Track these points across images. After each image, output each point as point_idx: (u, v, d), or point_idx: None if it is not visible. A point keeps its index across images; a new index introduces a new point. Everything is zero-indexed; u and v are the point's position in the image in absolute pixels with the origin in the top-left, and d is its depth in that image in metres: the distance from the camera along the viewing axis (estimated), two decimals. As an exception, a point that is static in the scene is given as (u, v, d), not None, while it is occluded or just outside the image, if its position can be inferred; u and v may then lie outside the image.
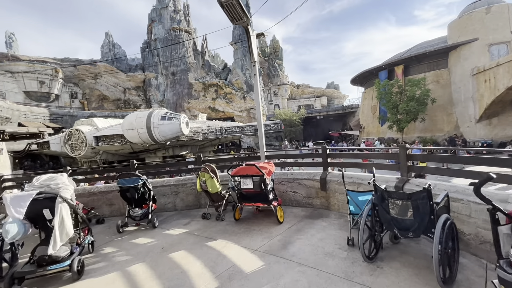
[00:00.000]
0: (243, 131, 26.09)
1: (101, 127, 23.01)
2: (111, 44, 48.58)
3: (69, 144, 22.08)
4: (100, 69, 42.55)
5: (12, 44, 57.32)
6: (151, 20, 46.14)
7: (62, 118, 34.30)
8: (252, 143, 43.80)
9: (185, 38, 45.63)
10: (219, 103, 43.74)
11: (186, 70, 44.53)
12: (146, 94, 45.98)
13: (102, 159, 23.38)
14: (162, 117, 19.78)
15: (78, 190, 5.02)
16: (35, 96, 35.83)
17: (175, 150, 24.91)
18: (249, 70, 44.07)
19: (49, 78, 36.58)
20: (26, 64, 34.58)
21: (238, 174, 3.73)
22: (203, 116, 35.66)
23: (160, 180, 5.09)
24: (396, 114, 21.57)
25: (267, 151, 5.25)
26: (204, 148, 29.35)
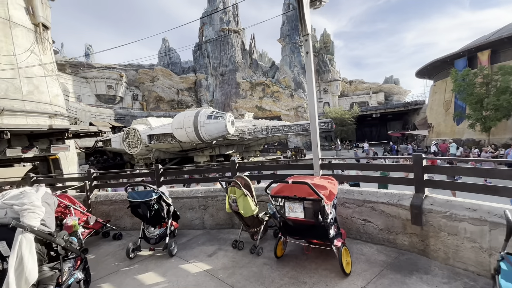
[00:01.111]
0: (290, 131, 24.60)
1: (154, 126, 24.20)
2: (167, 48, 51.99)
3: (127, 142, 23.76)
4: (157, 73, 45.76)
5: (90, 54, 66.11)
6: (202, 23, 47.83)
7: (125, 118, 37.66)
8: (299, 143, 41.87)
9: (234, 38, 46.06)
10: (266, 102, 42.96)
11: (234, 70, 44.89)
12: (197, 94, 47.90)
13: (154, 157, 24.64)
14: (209, 116, 19.68)
15: (99, 197, 4.46)
16: (104, 99, 40.24)
17: (221, 149, 24.84)
18: (297, 67, 42.22)
19: (115, 82, 40.69)
20: (97, 70, 39.02)
21: (282, 194, 2.50)
22: (250, 115, 35.24)
23: (187, 190, 4.18)
24: (481, 110, 17.47)
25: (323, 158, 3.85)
26: (250, 147, 28.79)
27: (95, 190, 4.53)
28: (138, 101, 46.09)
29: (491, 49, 19.98)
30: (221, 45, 45.62)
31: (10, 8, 14.44)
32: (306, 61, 3.66)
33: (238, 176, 3.09)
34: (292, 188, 2.43)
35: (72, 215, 3.42)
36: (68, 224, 3.30)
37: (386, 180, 3.36)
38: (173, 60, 51.32)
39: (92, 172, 4.48)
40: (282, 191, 2.53)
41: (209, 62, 46.71)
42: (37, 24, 15.85)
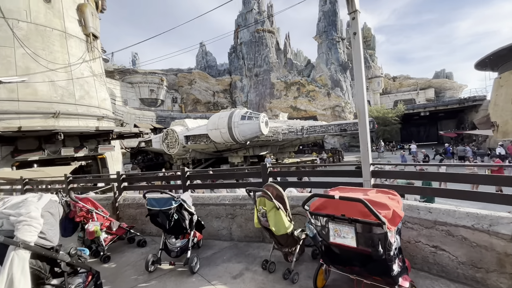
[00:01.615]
0: (326, 131, 23.33)
1: (190, 127, 24.91)
2: (204, 52, 53.78)
3: (166, 142, 24.82)
4: (195, 76, 47.51)
5: (136, 62, 71.43)
6: (237, 25, 48.43)
7: (165, 120, 39.66)
8: (336, 144, 39.83)
9: (269, 38, 45.72)
10: (301, 102, 41.76)
11: (269, 70, 44.51)
12: (232, 96, 48.63)
13: (191, 157, 25.36)
14: (242, 117, 19.53)
15: (127, 200, 4.32)
16: (146, 102, 42.96)
17: (255, 150, 24.57)
18: (334, 64, 40.25)
19: (156, 86, 43.20)
20: (141, 76, 41.82)
21: (325, 212, 1.91)
22: (284, 116, 34.49)
23: (214, 196, 3.79)
24: None
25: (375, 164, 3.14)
26: (284, 148, 28.08)
27: (124, 192, 4.44)
28: (177, 103, 48.34)
29: None
30: (256, 46, 45.62)
31: (65, 21, 15.89)
32: (353, 44, 3.00)
33: (268, 185, 2.57)
34: (339, 205, 1.84)
35: (94, 220, 3.27)
36: (90, 229, 3.12)
37: (469, 196, 2.48)
38: (209, 64, 52.89)
39: (121, 174, 4.38)
40: (325, 208, 1.95)
41: (244, 63, 47.06)
42: (88, 35, 17.26)
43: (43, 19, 14.74)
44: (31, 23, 14.32)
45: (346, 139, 39.27)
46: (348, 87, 40.90)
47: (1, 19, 13.51)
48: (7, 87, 13.11)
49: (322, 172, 3.34)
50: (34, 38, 14.26)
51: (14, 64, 13.56)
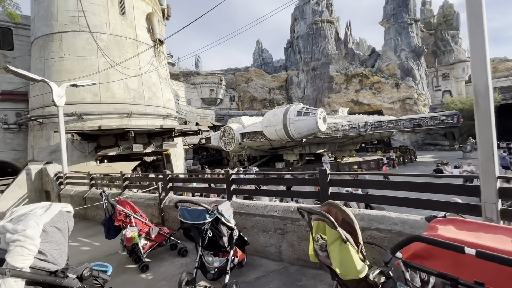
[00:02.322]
0: (396, 127, 20.46)
1: (246, 124, 25.14)
2: (260, 50, 54.11)
3: (223, 139, 25.65)
4: (251, 74, 48.19)
5: (198, 64, 76.78)
6: (294, 19, 47.01)
7: (223, 118, 41.34)
8: (406, 141, 35.01)
9: (327, 29, 43.00)
10: (363, 95, 38.06)
11: (327, 63, 41.90)
12: (288, 92, 47.65)
13: (246, 154, 25.64)
14: (298, 113, 18.59)
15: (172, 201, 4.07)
16: (207, 101, 45.55)
17: (312, 148, 23.30)
18: (405, 51, 35.18)
19: (216, 86, 45.37)
20: (202, 77, 44.49)
21: (435, 267, 1.08)
22: (344, 111, 31.96)
23: (261, 205, 3.19)
24: None
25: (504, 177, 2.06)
26: (344, 146, 25.90)
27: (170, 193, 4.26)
28: (234, 101, 49.93)
29: None
30: (313, 38, 43.48)
31: (137, 30, 17.61)
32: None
33: (330, 204, 1.81)
34: (464, 259, 0.99)
35: (133, 225, 3.07)
36: (127, 235, 2.89)
37: None
38: (266, 61, 52.94)
39: (167, 174, 4.20)
40: (432, 257, 1.12)
41: (301, 57, 45.46)
42: (155, 40, 18.84)
43: (119, 30, 16.56)
44: (110, 35, 16.22)
45: (419, 136, 34.17)
46: (422, 76, 35.35)
47: (88, 33, 15.64)
48: (92, 91, 15.18)
49: (411, 186, 2.35)
50: (112, 47, 16.13)
51: (98, 71, 15.57)
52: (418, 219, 2.21)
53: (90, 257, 3.80)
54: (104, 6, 16.04)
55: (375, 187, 2.54)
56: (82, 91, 15.18)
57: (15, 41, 18.01)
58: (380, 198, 2.49)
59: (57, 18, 15.44)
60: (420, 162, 21.62)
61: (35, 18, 16.02)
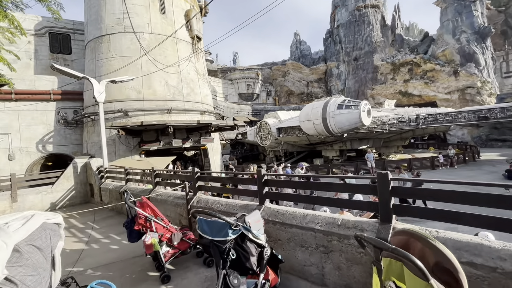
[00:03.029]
0: (454, 120, 17.89)
1: (283, 119, 24.43)
2: (298, 42, 52.38)
3: (259, 135, 25.34)
4: (288, 67, 46.94)
5: (236, 60, 77.82)
6: (334, 7, 44.30)
7: (260, 113, 41.08)
8: (466, 137, 30.71)
9: (372, 15, 39.58)
10: (413, 85, 34.30)
11: (371, 51, 38.67)
12: (327, 85, 45.38)
13: (283, 149, 24.97)
14: (339, 106, 17.29)
15: (200, 202, 3.70)
16: (244, 97, 45.71)
17: (354, 144, 21.66)
18: (466, 33, 30.57)
19: (252, 81, 45.23)
20: (239, 72, 44.69)
21: None
22: (391, 103, 29.21)
23: (299, 213, 2.60)
24: None
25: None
26: (390, 142, 23.60)
27: (198, 193, 3.91)
28: (271, 96, 49.31)
29: None
30: (356, 26, 40.45)
31: (176, 27, 18.06)
32: None
33: (409, 234, 1.15)
34: None
35: (153, 230, 2.76)
36: (147, 242, 2.58)
37: None
38: (303, 53, 51.12)
39: (196, 172, 3.86)
40: None
41: (341, 48, 42.77)
42: (193, 37, 19.14)
43: (160, 29, 17.11)
44: (152, 33, 16.84)
45: (482, 131, 29.69)
46: (488, 61, 30.47)
47: (132, 33, 16.42)
48: (135, 89, 15.98)
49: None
50: (153, 46, 16.74)
51: (141, 69, 16.29)
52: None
53: (118, 256, 3.67)
54: (146, 7, 16.65)
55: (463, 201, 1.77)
56: (128, 89, 16.07)
57: (72, 45, 19.81)
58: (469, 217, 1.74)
59: (106, 21, 16.49)
60: (486, 161, 18.61)
61: (88, 23, 17.32)
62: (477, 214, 1.71)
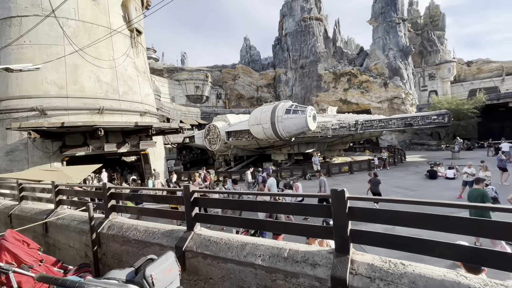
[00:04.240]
0: (386, 126, 19.88)
1: (232, 122, 23.88)
2: (248, 47, 52.80)
3: (208, 138, 24.26)
4: (239, 71, 46.85)
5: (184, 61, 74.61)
6: (283, 16, 46.07)
7: (209, 116, 39.83)
8: (394, 141, 34.89)
9: (316, 26, 42.32)
10: (352, 94, 37.65)
11: (316, 61, 41.24)
12: (276, 90, 46.71)
13: (233, 154, 24.37)
14: (287, 110, 17.55)
15: (113, 227, 2.78)
16: (192, 98, 43.82)
17: (301, 147, 22.37)
18: (393, 50, 34.97)
19: (201, 83, 43.71)
20: (187, 73, 42.72)
21: None
22: (333, 110, 31.30)
23: (236, 241, 1.98)
24: None
25: None
26: (333, 146, 25.17)
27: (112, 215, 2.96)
28: (221, 99, 48.46)
29: None
30: (302, 36, 42.69)
31: (110, 17, 15.90)
32: None
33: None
34: None
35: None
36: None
37: None
38: (253, 58, 51.74)
39: (108, 187, 2.94)
40: None
41: (289, 55, 44.58)
42: (132, 30, 17.19)
43: (90, 16, 14.86)
44: (79, 21, 14.50)
45: (406, 136, 34.10)
46: (409, 76, 35.34)
47: (53, 18, 13.83)
48: (57, 84, 13.47)
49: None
50: (81, 35, 14.42)
51: (64, 61, 13.83)
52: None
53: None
54: (71, -12, 14.30)
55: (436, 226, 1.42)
56: (46, 83, 13.48)
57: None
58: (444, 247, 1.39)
59: (16, 0, 13.61)
60: (410, 162, 21.18)
61: (-11, -1, 14.05)
62: (453, 243, 1.39)
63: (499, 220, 1.34)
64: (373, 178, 9.89)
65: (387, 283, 1.42)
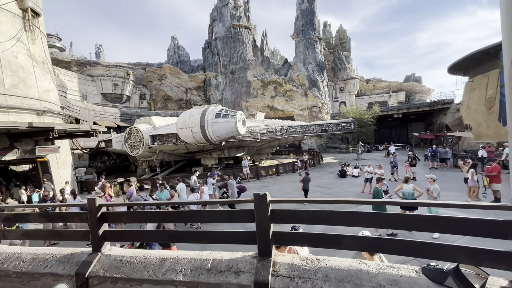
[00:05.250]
0: (307, 131, 22.07)
1: (158, 125, 22.19)
2: (176, 47, 50.38)
3: (129, 142, 21.82)
4: (166, 71, 44.13)
5: (100, 54, 65.67)
6: (212, 20, 45.93)
7: (131, 118, 35.98)
8: (313, 145, 39.12)
9: (245, 35, 43.85)
10: (278, 101, 40.49)
11: (245, 67, 42.67)
12: (206, 93, 45.99)
13: (158, 159, 22.61)
14: (217, 115, 17.43)
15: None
16: (110, 97, 38.82)
17: (231, 151, 22.56)
18: (312, 64, 39.45)
19: (121, 81, 39.22)
20: (103, 68, 37.64)
21: None
22: (261, 115, 32.87)
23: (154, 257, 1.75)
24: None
25: None
26: (262, 150, 26.40)
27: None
28: (145, 100, 44.61)
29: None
30: (232, 42, 43.54)
31: (-9, -11, 12.65)
32: None
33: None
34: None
35: None
36: None
37: None
38: (182, 59, 49.67)
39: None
40: None
41: (219, 60, 44.69)
42: (25, 10, 14.03)
43: (-43, -17, 11.47)
44: None
45: (323, 140, 38.71)
46: (325, 88, 40.47)
47: None
48: None
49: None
50: None
51: None
52: (414, 275, 1.39)
53: None
54: None
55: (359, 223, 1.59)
56: None
57: None
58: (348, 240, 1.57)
59: None
60: (326, 164, 24.04)
61: None
62: (357, 236, 1.59)
63: (389, 213, 1.62)
64: (305, 177, 11.14)
65: (305, 280, 1.50)
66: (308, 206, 7.92)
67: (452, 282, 1.25)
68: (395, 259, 3.51)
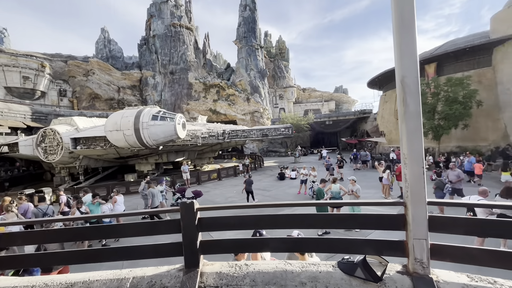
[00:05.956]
0: (248, 136, 22.55)
1: (82, 127, 19.44)
2: (106, 40, 45.37)
3: (42, 147, 18.46)
4: (93, 66, 39.20)
5: (4, 39, 54.41)
6: (150, 15, 43.04)
7: (47, 118, 30.60)
8: (255, 149, 40.22)
9: (186, 35, 42.45)
10: (220, 105, 40.30)
11: (186, 69, 41.22)
12: (143, 93, 42.57)
13: (82, 165, 19.75)
14: (154, 117, 16.24)
15: None
16: (17, 93, 32.34)
17: (170, 156, 21.31)
18: (254, 70, 40.69)
19: (34, 73, 33.13)
20: (8, 57, 31.17)
21: None
22: (203, 119, 32.16)
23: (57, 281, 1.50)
24: (433, 119, 18.20)
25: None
26: (203, 154, 25.77)
27: None
28: (66, 97, 38.68)
29: (437, 63, 21.36)
30: (172, 41, 41.58)
31: None
32: None
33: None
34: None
35: None
36: None
37: None
38: (114, 54, 44.98)
39: None
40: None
41: (157, 58, 42.07)
42: None
43: None
44: None
45: (264, 145, 40.14)
46: (266, 94, 42.15)
47: None
48: None
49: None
50: None
51: None
52: (331, 270, 1.51)
53: None
54: None
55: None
56: None
57: None
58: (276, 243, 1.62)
59: None
60: (267, 167, 24.96)
61: None
62: (284, 237, 1.66)
63: (310, 214, 1.75)
64: (247, 179, 11.36)
65: (232, 287, 1.48)
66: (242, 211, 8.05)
67: (360, 272, 1.43)
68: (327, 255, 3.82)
